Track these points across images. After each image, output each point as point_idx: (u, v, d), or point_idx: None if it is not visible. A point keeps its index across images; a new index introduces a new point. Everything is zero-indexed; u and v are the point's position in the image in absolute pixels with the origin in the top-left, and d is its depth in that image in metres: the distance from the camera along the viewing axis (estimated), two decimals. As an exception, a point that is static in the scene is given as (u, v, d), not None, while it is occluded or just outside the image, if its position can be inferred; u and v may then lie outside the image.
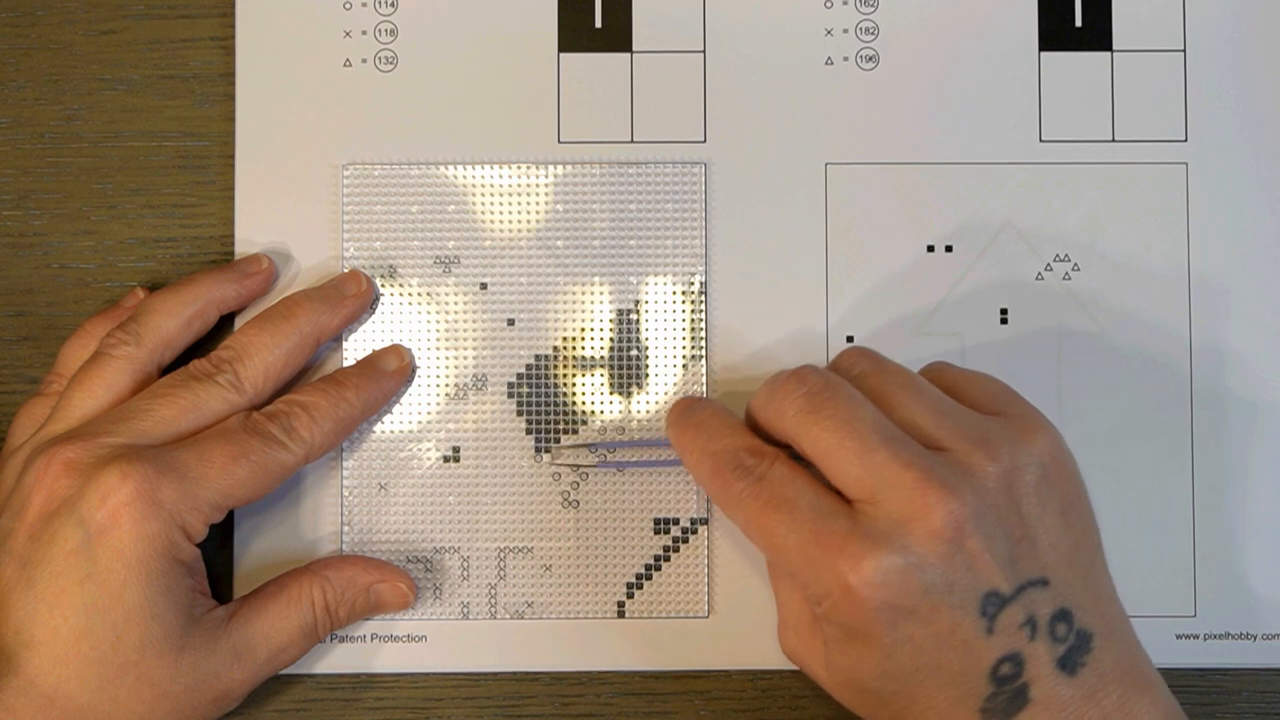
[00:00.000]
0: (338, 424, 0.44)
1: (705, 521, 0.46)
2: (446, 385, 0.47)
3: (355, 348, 0.47)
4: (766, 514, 0.39)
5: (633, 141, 0.47)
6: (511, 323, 0.47)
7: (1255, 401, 0.47)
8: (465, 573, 0.46)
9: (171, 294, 0.45)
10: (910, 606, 0.37)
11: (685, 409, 0.43)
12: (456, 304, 0.47)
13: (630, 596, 0.46)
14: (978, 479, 0.38)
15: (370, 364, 0.46)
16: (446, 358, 0.47)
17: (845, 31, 0.48)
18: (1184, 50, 0.48)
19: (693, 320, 0.47)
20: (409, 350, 0.46)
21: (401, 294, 0.47)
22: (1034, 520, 0.39)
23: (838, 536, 0.38)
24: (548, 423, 0.47)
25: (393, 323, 0.47)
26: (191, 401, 0.42)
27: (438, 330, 0.47)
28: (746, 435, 0.41)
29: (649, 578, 0.46)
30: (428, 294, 0.47)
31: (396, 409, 0.46)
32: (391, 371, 0.46)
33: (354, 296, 0.46)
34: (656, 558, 0.46)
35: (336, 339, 0.46)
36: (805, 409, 0.39)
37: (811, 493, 0.39)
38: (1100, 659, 0.38)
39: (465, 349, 0.47)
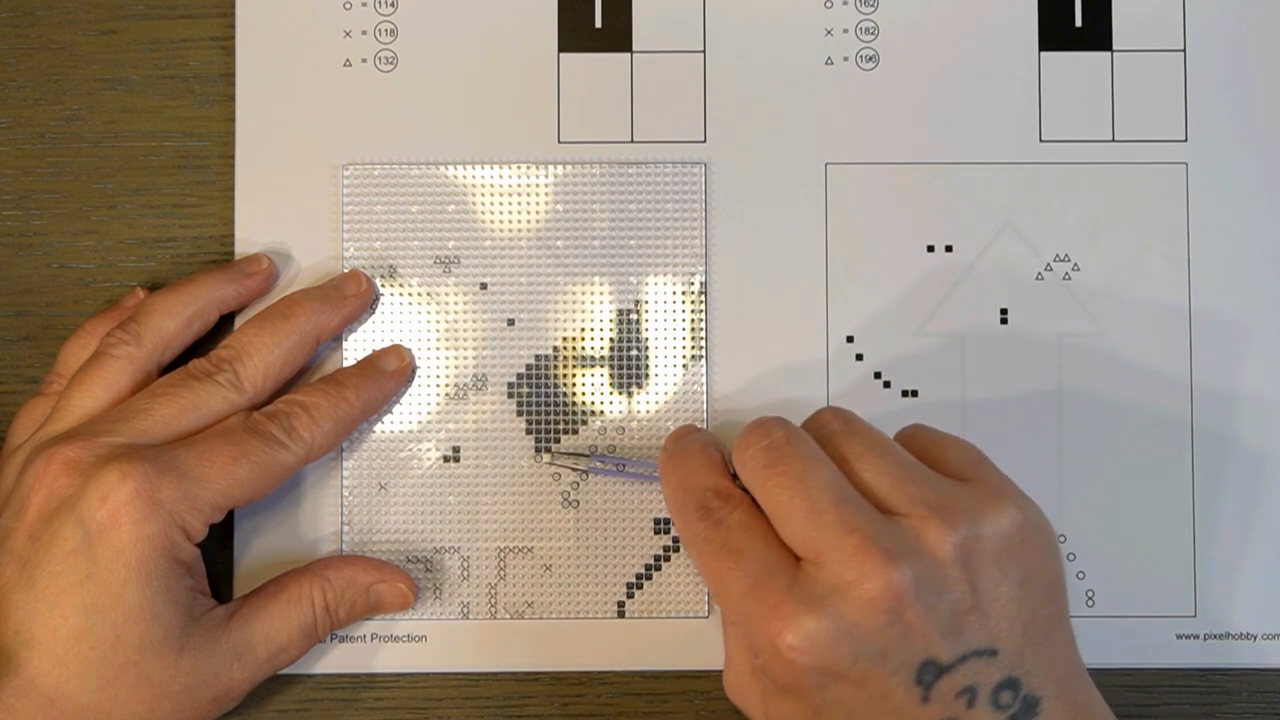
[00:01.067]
0: (338, 424, 0.44)
1: (705, 521, 0.46)
2: (446, 385, 0.47)
3: (355, 347, 0.47)
4: (718, 559, 0.39)
5: (633, 141, 0.47)
6: (511, 323, 0.47)
7: (1255, 401, 0.47)
8: (465, 573, 0.46)
9: (171, 294, 0.45)
10: (840, 671, 0.37)
11: (677, 437, 0.43)
12: (456, 304, 0.47)
13: (630, 596, 0.46)
14: (928, 547, 0.38)
15: (370, 364, 0.46)
16: (446, 358, 0.47)
17: (845, 31, 0.48)
18: (1184, 50, 0.48)
19: (693, 320, 0.47)
20: (409, 350, 0.46)
21: (401, 294, 0.47)
22: (988, 591, 0.38)
23: (775, 594, 0.38)
24: (548, 423, 0.47)
25: (393, 323, 0.47)
26: (191, 401, 0.42)
27: (438, 330, 0.47)
28: (719, 476, 0.41)
29: (649, 578, 0.46)
30: (428, 294, 0.47)
31: (396, 409, 0.46)
32: (391, 372, 0.46)
33: (354, 296, 0.46)
34: (656, 558, 0.46)
35: (336, 338, 0.46)
36: (764, 462, 0.39)
37: (762, 545, 0.39)
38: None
39: (465, 349, 0.47)
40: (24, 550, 0.40)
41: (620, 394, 0.47)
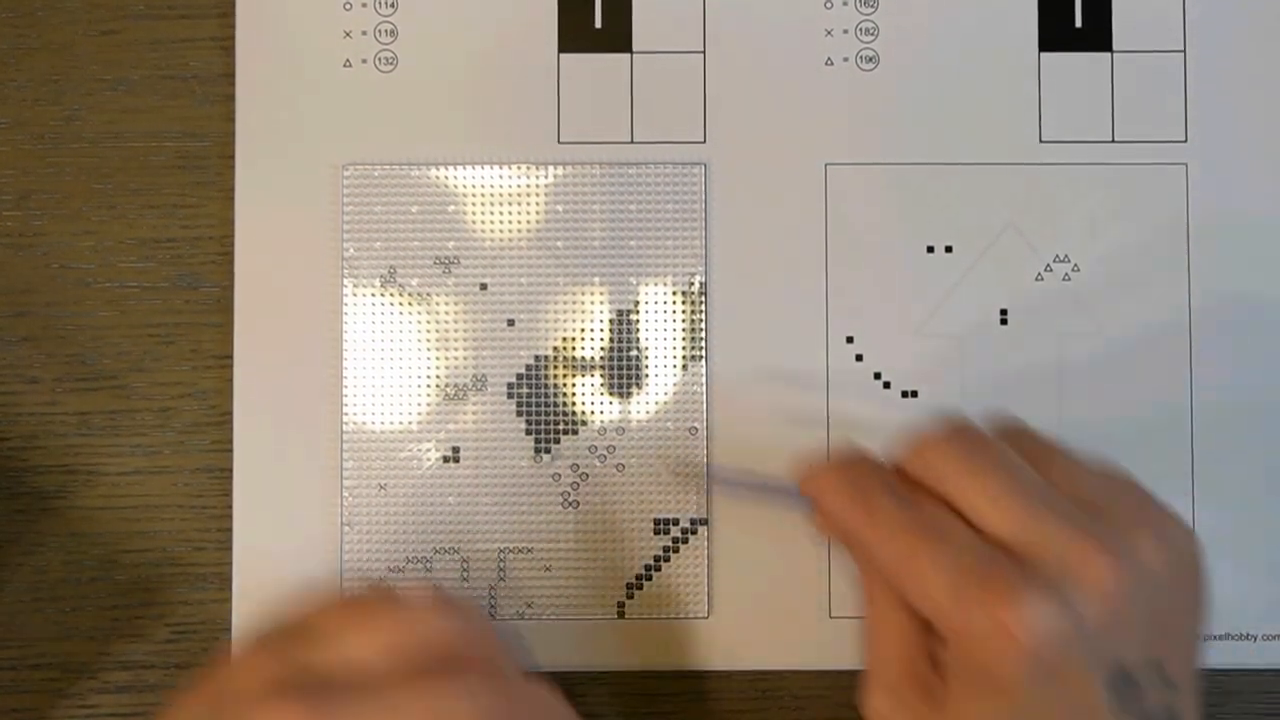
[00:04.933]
0: None
1: (705, 521, 0.46)
2: (446, 385, 0.47)
3: (356, 347, 0.47)
4: (914, 539, 0.37)
5: (633, 142, 0.47)
6: (511, 323, 0.47)
7: (1255, 402, 0.47)
8: (465, 573, 0.46)
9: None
10: (1056, 663, 0.35)
11: (831, 458, 0.41)
12: (456, 304, 0.47)
13: (630, 596, 0.46)
14: (1140, 551, 0.36)
15: None
16: (446, 358, 0.47)
17: (845, 31, 0.48)
18: (1184, 50, 0.48)
19: (693, 320, 0.47)
20: None
21: (401, 294, 0.47)
22: (1180, 614, 0.37)
23: (1000, 575, 0.36)
24: (547, 423, 0.47)
25: (393, 323, 0.47)
26: None
27: (437, 331, 0.47)
28: (894, 474, 0.40)
29: (649, 578, 0.46)
30: (428, 294, 0.47)
31: (396, 409, 0.46)
32: None
33: None
34: (656, 558, 0.46)
35: (337, 340, 0.46)
36: (964, 454, 0.38)
37: (964, 530, 0.37)
38: None
39: (465, 349, 0.47)
40: None
41: (620, 394, 0.47)
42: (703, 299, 0.47)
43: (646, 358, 0.47)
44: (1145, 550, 0.37)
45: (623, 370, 0.47)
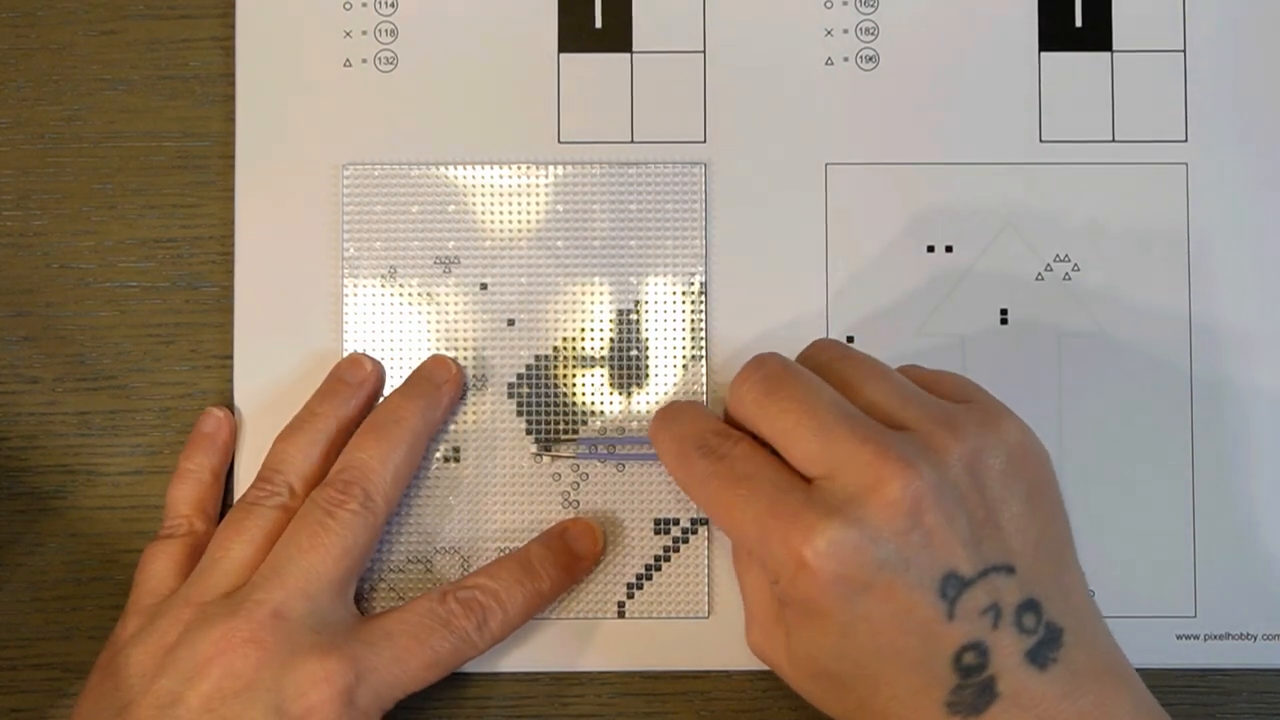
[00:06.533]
0: (526, 617, 0.44)
1: (705, 521, 0.46)
2: (446, 385, 0.47)
3: (357, 347, 0.46)
4: (726, 490, 0.39)
5: (633, 141, 0.47)
6: (511, 323, 0.47)
7: (1255, 401, 0.47)
8: (465, 573, 0.46)
9: (300, 433, 0.44)
10: (864, 581, 0.36)
11: (665, 408, 0.43)
12: (456, 304, 0.47)
13: (630, 596, 0.46)
14: (939, 456, 0.37)
15: (563, 544, 0.45)
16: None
17: (845, 31, 0.48)
18: (1184, 50, 0.48)
19: (693, 320, 0.47)
20: (601, 529, 0.46)
21: (401, 294, 0.47)
22: (998, 504, 0.38)
23: (792, 508, 0.37)
24: (548, 423, 0.47)
25: (393, 323, 0.47)
26: (340, 545, 0.42)
27: (438, 330, 0.47)
28: (715, 422, 0.41)
29: (649, 578, 0.46)
30: (428, 294, 0.47)
31: (396, 409, 0.46)
32: (586, 556, 0.45)
33: (448, 383, 0.45)
34: (656, 558, 0.46)
35: (337, 341, 0.46)
36: (764, 391, 0.39)
37: (771, 469, 0.38)
38: (1072, 655, 0.37)
39: (465, 349, 0.47)
40: None
41: (620, 394, 0.47)
42: (703, 298, 0.47)
43: (647, 357, 0.47)
44: (950, 458, 0.37)
45: (623, 370, 0.47)
